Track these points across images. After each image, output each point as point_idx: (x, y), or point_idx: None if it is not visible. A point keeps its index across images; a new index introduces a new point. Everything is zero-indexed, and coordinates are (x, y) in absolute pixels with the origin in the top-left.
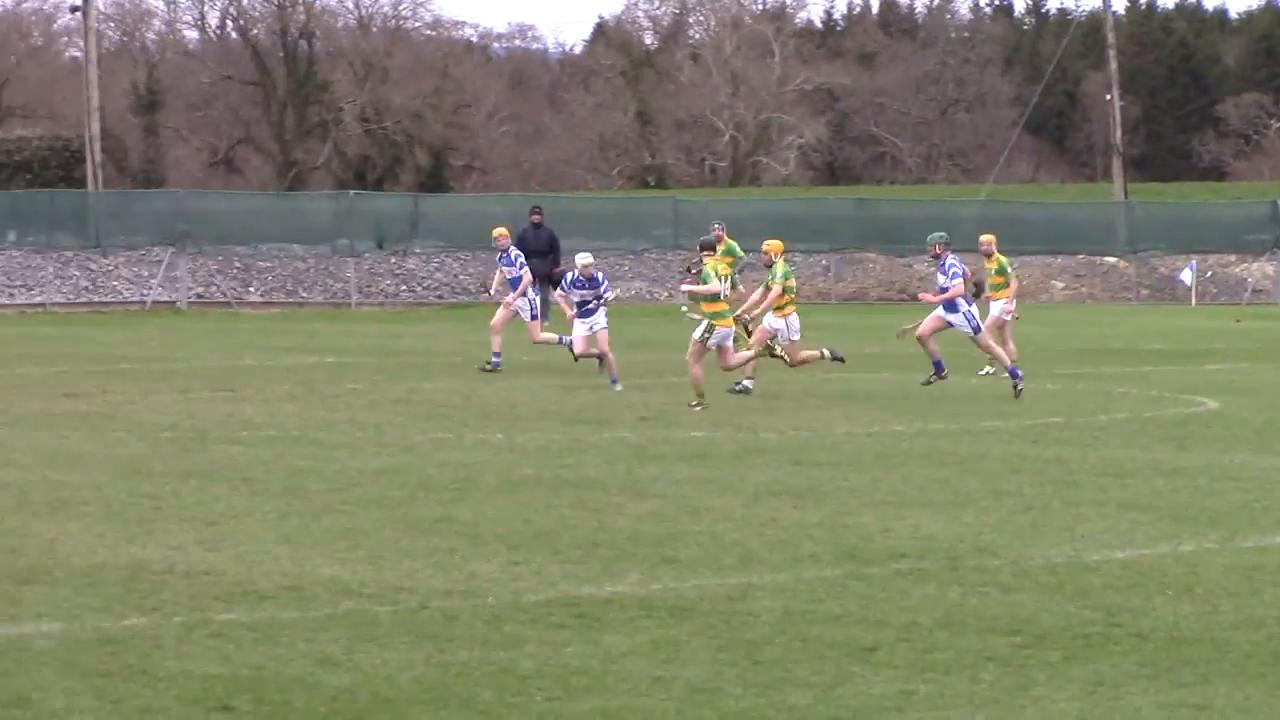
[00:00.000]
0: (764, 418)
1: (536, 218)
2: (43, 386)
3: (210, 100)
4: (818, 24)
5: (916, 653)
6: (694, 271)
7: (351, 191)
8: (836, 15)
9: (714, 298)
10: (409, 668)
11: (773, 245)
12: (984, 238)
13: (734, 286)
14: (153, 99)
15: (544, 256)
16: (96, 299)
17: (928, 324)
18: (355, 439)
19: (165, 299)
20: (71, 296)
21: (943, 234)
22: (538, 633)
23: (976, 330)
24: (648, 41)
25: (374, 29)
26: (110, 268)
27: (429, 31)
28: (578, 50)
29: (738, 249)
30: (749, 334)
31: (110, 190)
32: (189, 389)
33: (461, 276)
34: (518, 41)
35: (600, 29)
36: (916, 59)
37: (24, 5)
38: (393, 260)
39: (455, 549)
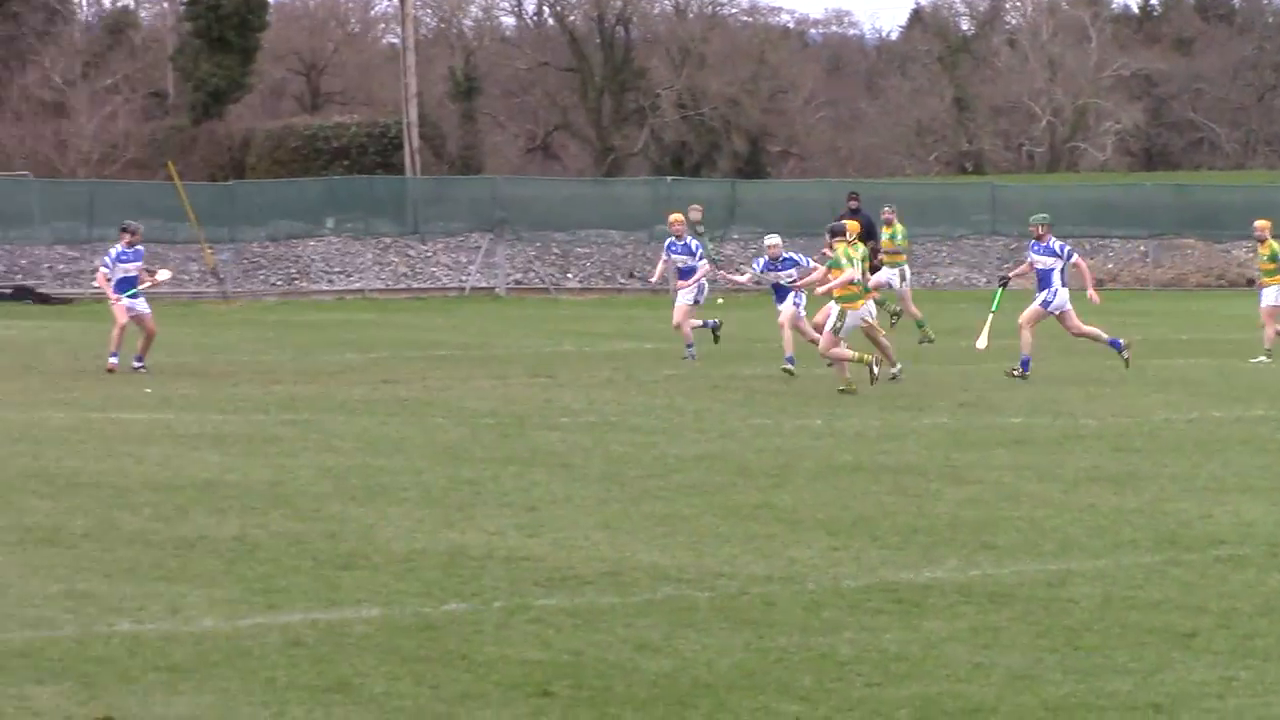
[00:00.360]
0: (1082, 404)
1: (854, 203)
2: (362, 373)
3: (527, 87)
4: (1134, 9)
5: (1236, 639)
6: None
7: (669, 178)
8: (1153, 0)
9: (845, 284)
10: (728, 653)
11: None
12: (1259, 223)
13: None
14: (470, 85)
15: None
16: (415, 285)
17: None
18: (673, 425)
19: (483, 285)
20: (390, 283)
21: (1045, 215)
22: (856, 618)
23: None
24: (964, 27)
25: (690, 15)
26: (428, 254)
27: (745, 18)
28: (894, 36)
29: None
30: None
31: (428, 176)
32: (507, 375)
33: None
34: (834, 27)
35: (916, 14)
36: (1234, 44)
37: None
38: (710, 246)
39: (774, 535)
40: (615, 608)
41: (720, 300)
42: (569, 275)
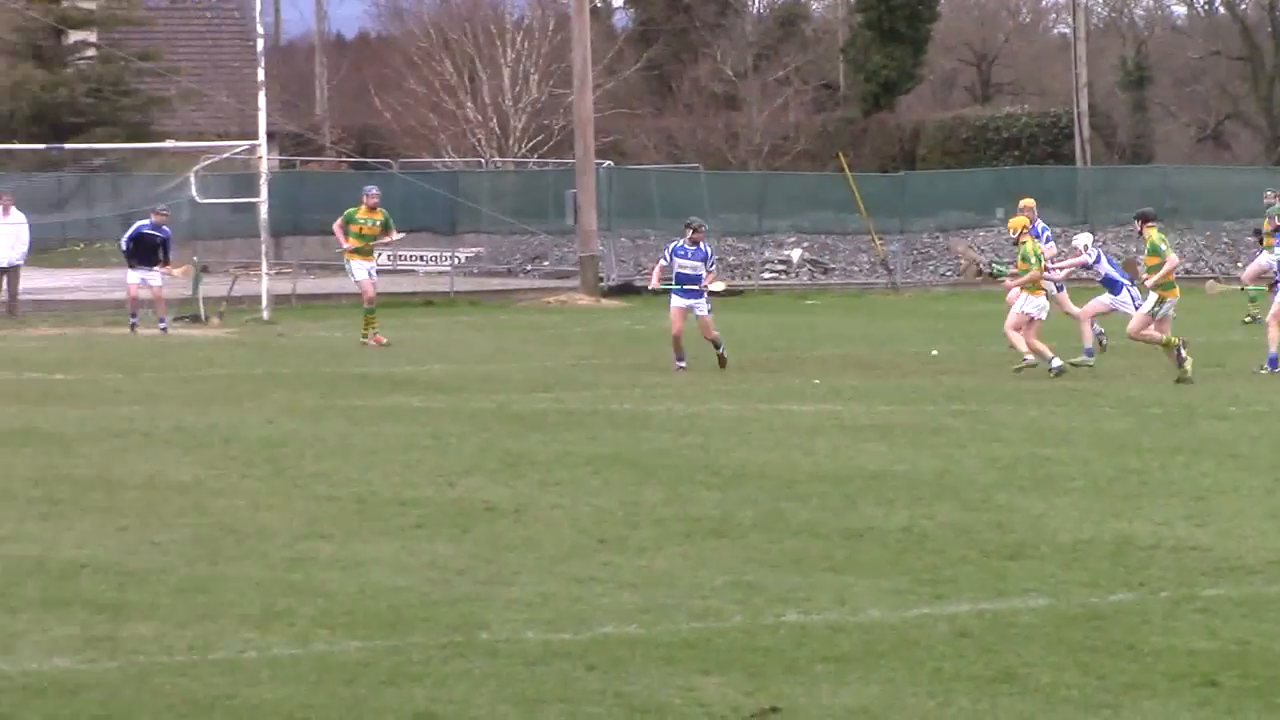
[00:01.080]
0: None
1: None
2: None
3: (1198, 75)
4: None
5: None
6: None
7: None
8: None
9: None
10: None
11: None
12: None
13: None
14: (1141, 75)
15: None
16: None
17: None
18: None
19: None
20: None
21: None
22: None
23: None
24: None
25: None
26: (1099, 243)
27: None
28: None
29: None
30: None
31: (1098, 166)
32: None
33: None
34: None
35: None
36: None
37: None
38: None
39: None
40: None
41: None
42: (1238, 265)
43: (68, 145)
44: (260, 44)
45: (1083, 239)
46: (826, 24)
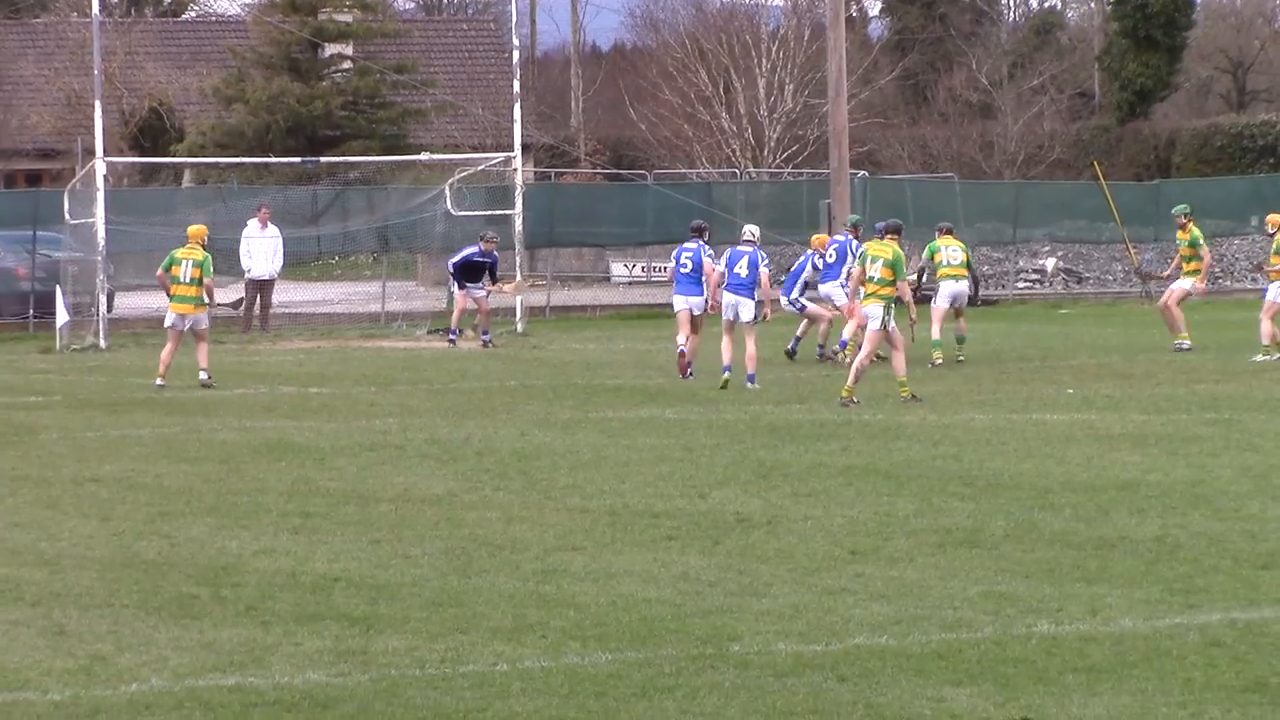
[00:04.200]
0: None
1: None
2: None
3: None
4: None
5: None
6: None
7: None
8: None
9: None
10: None
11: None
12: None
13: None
14: None
15: None
16: None
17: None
18: None
19: None
20: None
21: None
22: None
23: None
24: None
25: None
26: None
27: None
28: None
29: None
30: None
31: None
32: None
33: None
34: None
35: None
36: None
37: None
38: None
39: None
40: None
41: None
42: None
43: (323, 159)
44: (516, 56)
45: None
46: (1081, 32)
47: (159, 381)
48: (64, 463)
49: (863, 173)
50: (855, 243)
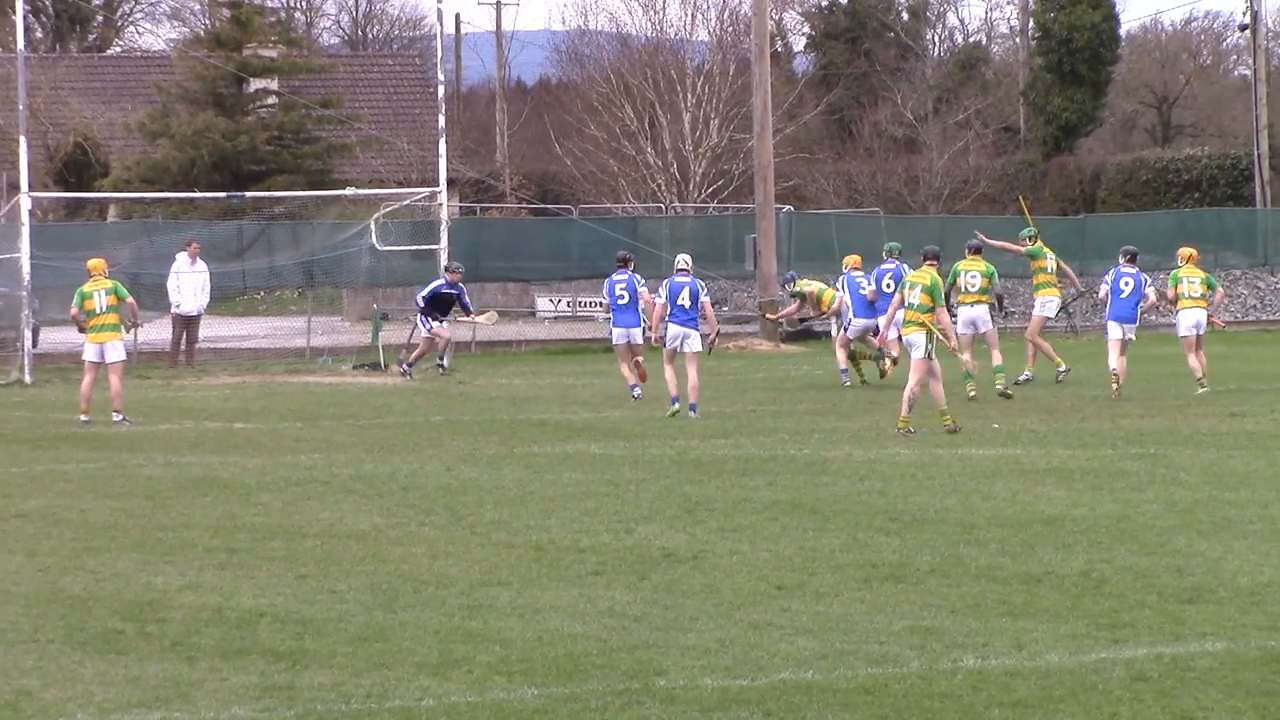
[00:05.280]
0: None
1: None
2: (1209, 405)
3: None
4: None
5: None
6: None
7: None
8: None
9: None
10: None
11: None
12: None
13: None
14: None
15: None
16: (1264, 317)
17: None
18: None
19: None
20: (1238, 315)
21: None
22: None
23: None
24: None
25: None
26: (1276, 285)
27: None
28: None
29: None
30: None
31: (1278, 208)
32: None
33: None
34: None
35: None
36: None
37: (1192, 25)
38: None
39: None
40: None
41: None
42: None
43: (248, 194)
44: (441, 91)
45: None
46: (1007, 67)
47: (83, 417)
48: None
49: (788, 207)
50: (906, 267)
